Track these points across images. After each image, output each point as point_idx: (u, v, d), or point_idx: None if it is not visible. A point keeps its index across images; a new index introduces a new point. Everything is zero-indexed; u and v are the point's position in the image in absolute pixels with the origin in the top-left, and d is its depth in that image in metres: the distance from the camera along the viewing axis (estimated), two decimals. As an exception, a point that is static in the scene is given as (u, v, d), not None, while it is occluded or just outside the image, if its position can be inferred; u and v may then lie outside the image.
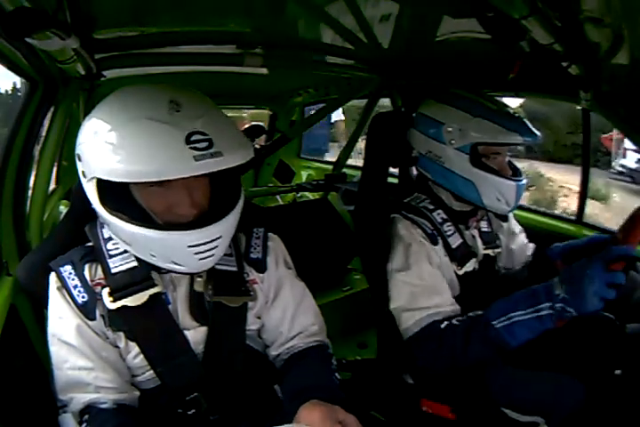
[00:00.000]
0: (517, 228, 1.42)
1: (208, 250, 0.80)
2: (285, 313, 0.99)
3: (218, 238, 0.81)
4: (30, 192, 1.20)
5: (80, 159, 0.82)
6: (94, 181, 0.79)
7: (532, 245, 1.42)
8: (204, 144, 0.73)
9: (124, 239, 0.84)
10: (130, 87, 0.84)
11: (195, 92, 0.85)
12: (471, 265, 1.23)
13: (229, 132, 0.81)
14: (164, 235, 0.79)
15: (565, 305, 0.93)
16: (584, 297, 0.91)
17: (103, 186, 0.79)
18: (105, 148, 0.75)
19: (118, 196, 0.81)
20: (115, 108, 0.80)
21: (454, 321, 1.08)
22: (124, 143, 0.74)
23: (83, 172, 0.83)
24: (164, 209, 0.82)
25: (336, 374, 0.94)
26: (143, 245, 0.82)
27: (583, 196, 1.86)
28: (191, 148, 0.72)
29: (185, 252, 0.79)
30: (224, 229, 0.82)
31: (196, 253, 0.80)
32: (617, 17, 0.73)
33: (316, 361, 0.96)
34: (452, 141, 1.17)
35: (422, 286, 1.13)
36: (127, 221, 0.79)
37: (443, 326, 1.08)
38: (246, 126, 2.73)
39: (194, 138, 0.73)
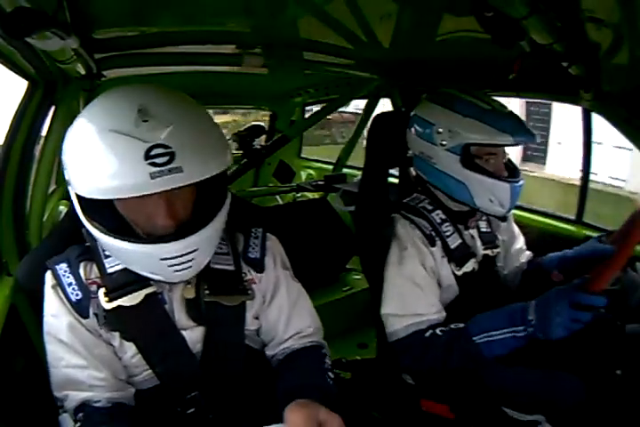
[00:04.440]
0: (515, 230, 1.41)
1: (184, 262, 0.79)
2: (281, 314, 0.99)
3: (193, 251, 0.79)
4: (30, 192, 1.20)
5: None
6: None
7: (528, 253, 1.41)
8: (164, 159, 0.70)
9: (102, 245, 0.86)
10: (106, 93, 0.81)
11: (171, 95, 0.81)
12: (470, 265, 1.22)
13: (198, 142, 0.75)
14: (136, 247, 0.78)
15: (535, 331, 1.01)
16: (550, 327, 0.98)
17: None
18: (73, 160, 0.76)
19: (98, 204, 0.78)
20: (89, 118, 0.78)
21: (438, 331, 1.10)
22: (87, 158, 0.74)
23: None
24: (143, 220, 0.81)
25: (329, 373, 0.94)
26: (117, 254, 0.84)
27: (583, 196, 1.85)
28: (150, 163, 0.69)
29: (158, 264, 0.78)
30: (201, 240, 0.79)
31: (171, 266, 0.78)
32: (617, 17, 0.73)
33: (309, 360, 0.96)
34: (443, 143, 1.16)
35: (412, 290, 1.14)
36: (102, 232, 0.79)
37: (427, 334, 1.11)
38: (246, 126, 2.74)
39: (154, 152, 0.70)
